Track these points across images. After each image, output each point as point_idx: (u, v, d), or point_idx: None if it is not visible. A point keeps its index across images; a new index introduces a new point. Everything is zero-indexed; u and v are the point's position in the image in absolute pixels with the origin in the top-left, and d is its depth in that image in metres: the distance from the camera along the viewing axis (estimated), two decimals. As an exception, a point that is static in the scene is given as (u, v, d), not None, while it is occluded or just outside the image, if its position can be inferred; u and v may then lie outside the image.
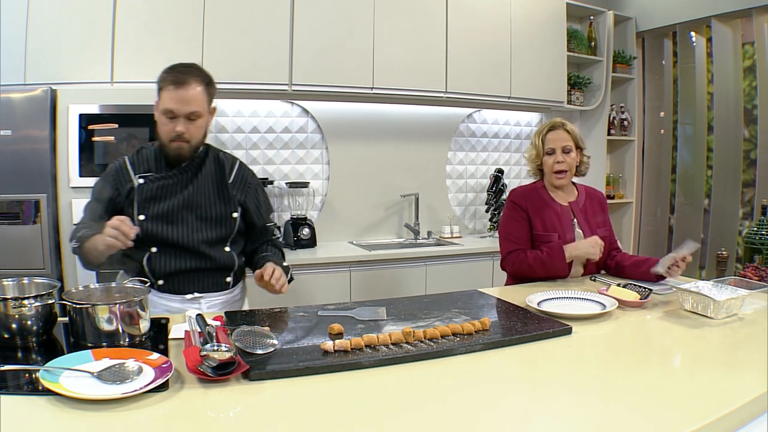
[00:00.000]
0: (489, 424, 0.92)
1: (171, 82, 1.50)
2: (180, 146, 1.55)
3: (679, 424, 0.90)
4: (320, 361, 1.09)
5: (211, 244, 1.62)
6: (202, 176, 1.62)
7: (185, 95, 1.50)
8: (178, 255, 1.59)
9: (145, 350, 1.14)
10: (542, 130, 2.02)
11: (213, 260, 1.63)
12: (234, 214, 1.65)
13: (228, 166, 1.68)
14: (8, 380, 1.01)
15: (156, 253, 1.58)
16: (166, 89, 1.51)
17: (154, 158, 1.61)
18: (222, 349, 1.02)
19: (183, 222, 1.59)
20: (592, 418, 0.94)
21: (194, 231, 1.60)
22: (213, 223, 1.63)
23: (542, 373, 1.17)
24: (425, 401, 1.00)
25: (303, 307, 1.50)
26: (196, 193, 1.61)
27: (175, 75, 1.51)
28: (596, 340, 1.38)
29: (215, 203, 1.63)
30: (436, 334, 1.23)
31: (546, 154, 1.99)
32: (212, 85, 1.60)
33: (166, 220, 1.57)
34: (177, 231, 1.58)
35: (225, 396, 0.98)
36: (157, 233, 1.56)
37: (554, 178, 1.99)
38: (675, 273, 1.84)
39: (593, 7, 3.81)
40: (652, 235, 4.05)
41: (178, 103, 1.50)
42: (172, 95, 1.50)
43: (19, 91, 2.24)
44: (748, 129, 3.38)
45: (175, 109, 1.50)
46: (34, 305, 1.21)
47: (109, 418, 0.89)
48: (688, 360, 1.28)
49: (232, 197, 1.65)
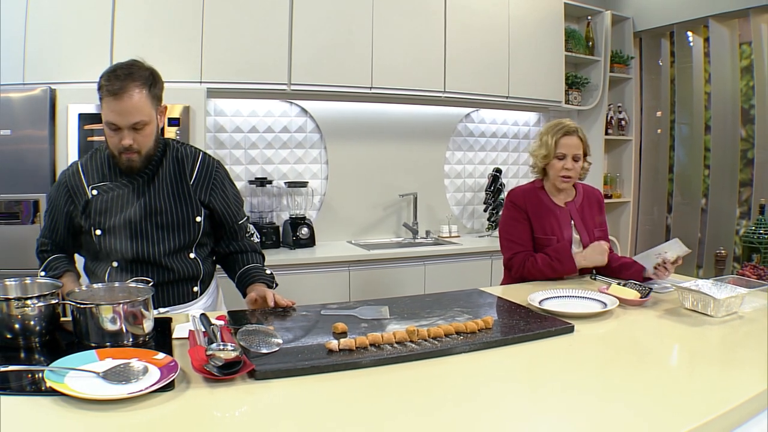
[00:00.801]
0: (494, 422, 0.92)
1: (109, 92, 1.35)
2: (130, 158, 1.43)
3: (681, 421, 0.91)
4: (325, 360, 1.10)
5: (174, 254, 1.52)
6: (159, 180, 1.50)
7: (126, 106, 1.36)
8: (140, 269, 1.48)
9: (149, 350, 1.13)
10: (556, 131, 1.97)
11: (177, 272, 1.53)
12: (197, 218, 1.53)
13: (189, 164, 1.54)
14: (11, 381, 1.01)
15: (117, 268, 1.48)
16: (105, 99, 1.37)
17: (107, 165, 1.49)
18: (228, 349, 1.02)
19: (142, 234, 1.48)
20: (596, 416, 0.95)
21: (155, 243, 1.49)
22: (175, 229, 1.51)
23: (545, 371, 1.18)
24: (431, 400, 1.00)
25: (305, 307, 1.50)
26: (153, 200, 1.49)
27: (112, 83, 1.35)
28: (598, 339, 1.38)
29: (176, 208, 1.51)
30: (439, 332, 1.24)
31: (556, 158, 1.97)
32: (157, 83, 1.45)
33: (124, 233, 1.47)
34: (136, 245, 1.48)
35: (231, 395, 0.98)
36: (116, 248, 1.46)
37: (559, 181, 1.99)
38: (663, 275, 1.86)
39: (591, 7, 3.82)
40: (649, 235, 4.07)
41: (120, 115, 1.37)
42: (112, 107, 1.36)
43: (18, 90, 2.24)
44: (745, 129, 3.40)
45: (117, 121, 1.38)
46: (37, 305, 1.20)
47: (116, 418, 0.89)
48: (689, 358, 1.28)
49: (194, 200, 1.53)
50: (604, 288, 1.75)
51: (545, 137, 1.99)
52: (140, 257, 1.48)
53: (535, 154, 2.03)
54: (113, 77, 1.37)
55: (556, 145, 1.96)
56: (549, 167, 2.00)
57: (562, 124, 2.00)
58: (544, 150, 1.98)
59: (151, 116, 1.43)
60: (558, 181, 2.00)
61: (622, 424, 0.91)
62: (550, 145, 1.96)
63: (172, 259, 1.52)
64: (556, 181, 2.00)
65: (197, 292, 1.60)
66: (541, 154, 1.99)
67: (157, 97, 1.46)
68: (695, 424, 0.90)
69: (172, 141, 1.59)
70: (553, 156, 1.97)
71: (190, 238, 1.54)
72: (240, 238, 1.66)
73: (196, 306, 1.60)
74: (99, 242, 1.46)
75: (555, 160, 1.97)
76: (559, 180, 1.99)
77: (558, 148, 1.96)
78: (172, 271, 1.52)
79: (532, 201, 2.01)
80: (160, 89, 1.46)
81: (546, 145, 1.98)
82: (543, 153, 1.99)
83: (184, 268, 1.54)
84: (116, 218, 1.46)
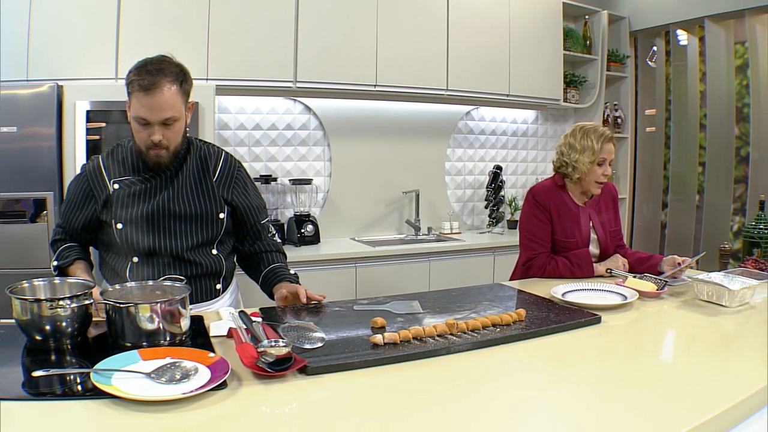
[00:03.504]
0: (544, 407, 0.96)
1: (140, 87, 1.33)
2: (158, 154, 1.42)
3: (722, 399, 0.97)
4: (374, 354, 1.11)
5: (195, 249, 1.50)
6: (183, 175, 1.50)
7: (158, 102, 1.34)
8: (161, 264, 1.47)
9: (194, 349, 1.12)
10: (599, 137, 1.94)
11: (200, 266, 1.51)
12: (221, 214, 1.53)
13: (212, 162, 1.55)
14: (53, 385, 0.97)
15: (137, 263, 1.46)
16: (135, 93, 1.35)
17: (130, 159, 1.48)
18: (280, 345, 1.02)
19: (164, 228, 1.47)
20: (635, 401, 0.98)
21: (176, 237, 1.48)
22: (197, 225, 1.50)
23: (581, 359, 1.21)
24: (480, 389, 1.02)
25: (336, 303, 1.50)
26: (176, 195, 1.48)
27: (144, 78, 1.34)
28: (625, 329, 1.43)
29: (199, 204, 1.50)
30: (477, 325, 1.26)
31: (597, 164, 1.95)
32: (187, 80, 1.44)
33: (146, 227, 1.45)
34: (158, 239, 1.46)
35: (286, 391, 0.98)
36: (137, 242, 1.45)
37: (595, 187, 1.99)
38: (676, 275, 1.91)
39: (588, 7, 3.88)
40: (645, 231, 4.16)
41: (151, 110, 1.35)
42: (143, 102, 1.34)
43: (23, 87, 2.19)
44: (739, 127, 3.49)
45: (147, 117, 1.36)
46: (71, 306, 1.17)
47: (174, 419, 0.87)
48: (714, 345, 1.33)
49: (217, 197, 1.53)
50: (620, 281, 1.79)
51: (590, 143, 1.94)
52: (161, 251, 1.47)
53: (575, 159, 1.95)
54: (144, 72, 1.35)
55: (600, 152, 1.94)
56: (586, 171, 1.96)
57: (604, 130, 1.98)
58: (590, 156, 1.93)
59: (181, 112, 1.42)
60: (594, 187, 1.99)
61: (663, 406, 0.95)
62: (597, 150, 1.93)
63: (194, 254, 1.50)
64: (591, 186, 1.99)
65: (219, 289, 1.58)
66: (587, 160, 1.94)
67: (187, 93, 1.44)
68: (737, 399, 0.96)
69: (195, 139, 1.59)
70: (596, 162, 1.95)
71: (213, 234, 1.53)
72: (263, 238, 1.66)
73: (220, 304, 1.58)
74: (119, 236, 1.45)
75: (596, 167, 1.95)
76: (595, 186, 1.98)
77: (600, 154, 1.94)
78: (195, 264, 1.50)
79: (555, 201, 2.00)
80: (189, 85, 1.45)
81: (593, 150, 1.93)
82: (589, 159, 1.93)
83: (206, 263, 1.52)
84: (138, 212, 1.45)
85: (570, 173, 1.99)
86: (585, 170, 1.95)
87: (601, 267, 1.99)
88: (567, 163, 1.99)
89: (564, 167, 2.01)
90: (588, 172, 1.96)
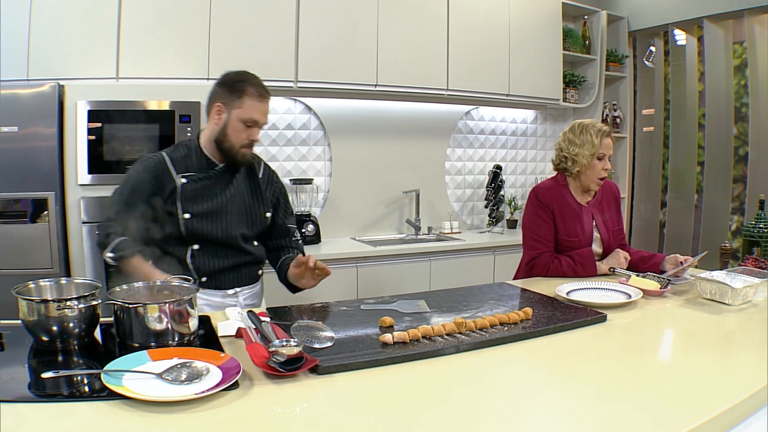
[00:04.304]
0: (552, 404, 0.96)
1: (258, 95, 1.58)
2: (247, 152, 1.64)
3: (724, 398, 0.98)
4: (385, 353, 1.11)
5: (246, 240, 1.70)
6: (240, 176, 1.70)
7: (267, 109, 1.61)
8: (219, 251, 1.65)
9: (205, 349, 1.12)
10: (598, 132, 1.97)
11: (250, 254, 1.71)
12: (267, 213, 1.74)
13: (257, 166, 1.76)
14: (61, 387, 0.97)
15: (198, 250, 1.63)
16: (251, 98, 1.57)
17: (195, 157, 1.65)
18: (291, 345, 1.02)
19: (225, 220, 1.65)
20: (642, 399, 0.98)
21: (234, 228, 1.66)
22: (249, 220, 1.70)
23: (589, 356, 1.22)
24: (491, 387, 1.03)
25: (343, 302, 1.51)
26: (236, 192, 1.68)
27: (259, 88, 1.59)
28: (630, 327, 1.44)
29: (251, 202, 1.71)
30: (485, 323, 1.26)
31: (597, 158, 1.96)
32: None
33: (210, 218, 1.63)
34: (220, 228, 1.64)
35: (298, 391, 0.98)
36: (202, 231, 1.62)
37: (596, 183, 2.00)
38: (679, 274, 1.92)
39: (587, 7, 3.89)
40: (644, 231, 4.18)
41: (263, 115, 1.60)
42: (258, 107, 1.58)
43: (24, 87, 2.17)
44: (737, 126, 3.51)
45: (259, 120, 1.60)
46: (78, 307, 1.16)
47: (187, 419, 0.86)
48: (717, 343, 1.35)
49: (264, 196, 1.74)
50: (624, 280, 1.80)
51: (589, 137, 1.96)
52: (222, 240, 1.64)
53: (576, 153, 1.97)
54: (257, 83, 1.60)
55: (600, 146, 1.96)
56: (586, 167, 1.98)
57: (601, 125, 2.00)
58: (590, 149, 1.95)
59: None
60: (594, 183, 2.00)
61: (667, 405, 0.96)
62: (597, 144, 1.95)
63: (245, 244, 1.69)
64: (592, 182, 2.00)
65: (260, 274, 1.80)
66: (588, 153, 1.95)
67: None
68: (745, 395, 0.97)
69: None
70: (596, 155, 1.96)
71: (258, 228, 1.73)
72: (290, 236, 1.82)
73: (257, 289, 1.78)
74: (186, 225, 1.60)
75: (596, 161, 1.97)
76: (596, 182, 2.00)
77: (600, 149, 1.96)
78: (245, 253, 1.70)
79: (558, 200, 2.01)
80: None
81: (593, 144, 1.95)
82: (589, 152, 1.95)
83: (255, 251, 1.72)
84: (204, 205, 1.62)
85: (570, 167, 2.00)
86: (585, 163, 1.96)
87: (603, 265, 2.00)
88: (567, 157, 1.99)
89: (564, 162, 2.01)
90: (588, 165, 1.97)
